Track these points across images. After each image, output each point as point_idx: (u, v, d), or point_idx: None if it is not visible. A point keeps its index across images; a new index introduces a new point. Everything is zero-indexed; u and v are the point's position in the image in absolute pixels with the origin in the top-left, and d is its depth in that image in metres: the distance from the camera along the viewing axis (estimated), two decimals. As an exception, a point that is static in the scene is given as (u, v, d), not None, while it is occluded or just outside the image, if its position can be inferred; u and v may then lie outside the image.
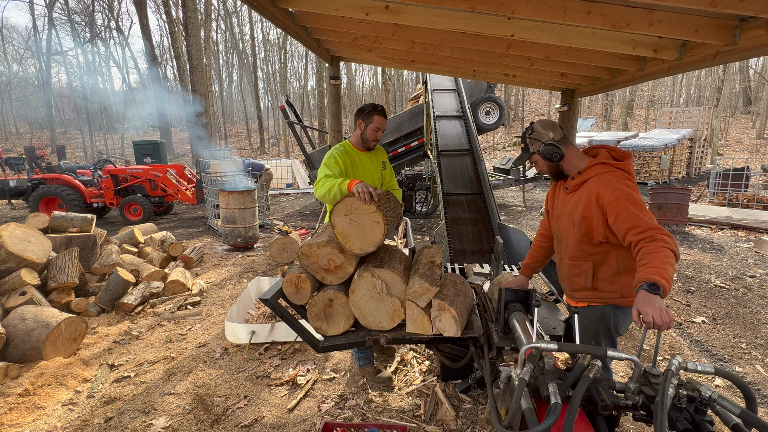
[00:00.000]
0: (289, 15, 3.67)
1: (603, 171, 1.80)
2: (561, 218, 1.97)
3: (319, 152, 9.23)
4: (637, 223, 1.63)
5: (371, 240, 1.91)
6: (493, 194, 6.11)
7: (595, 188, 1.76)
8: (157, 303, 4.29)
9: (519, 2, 2.63)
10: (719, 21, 2.53)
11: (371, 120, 2.51)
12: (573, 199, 1.87)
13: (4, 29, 30.97)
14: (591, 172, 1.82)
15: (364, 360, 2.86)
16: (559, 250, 2.04)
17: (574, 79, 4.82)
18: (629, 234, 1.65)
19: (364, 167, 2.62)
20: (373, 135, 2.55)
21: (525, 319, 1.73)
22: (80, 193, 8.96)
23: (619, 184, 1.73)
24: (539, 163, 1.95)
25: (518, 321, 1.72)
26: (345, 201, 1.91)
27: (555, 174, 1.97)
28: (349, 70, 33.44)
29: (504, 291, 1.84)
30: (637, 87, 28.96)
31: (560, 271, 2.06)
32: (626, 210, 1.66)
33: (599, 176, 1.79)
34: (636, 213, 1.65)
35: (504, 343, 1.78)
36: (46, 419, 2.53)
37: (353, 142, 2.64)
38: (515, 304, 1.84)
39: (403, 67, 6.15)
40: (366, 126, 2.53)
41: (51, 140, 26.49)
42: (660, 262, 1.50)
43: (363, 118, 2.53)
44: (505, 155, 18.73)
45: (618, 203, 1.68)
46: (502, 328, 1.85)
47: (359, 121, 2.55)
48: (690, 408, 1.14)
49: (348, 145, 2.63)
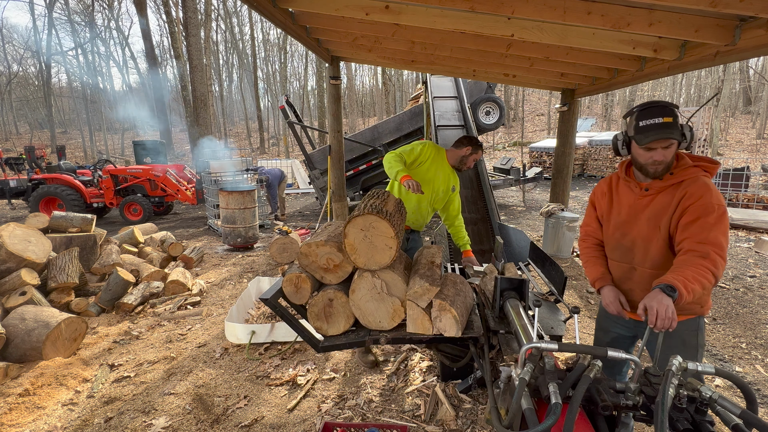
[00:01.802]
0: (289, 15, 3.67)
1: (699, 174, 1.62)
2: (634, 222, 1.73)
3: (319, 152, 9.22)
4: (708, 238, 1.50)
5: (378, 260, 1.89)
6: (493, 194, 6.11)
7: (692, 190, 1.58)
8: (157, 303, 4.29)
9: (519, 2, 2.63)
10: (719, 21, 2.53)
11: (477, 152, 2.90)
12: (658, 202, 1.66)
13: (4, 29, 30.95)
14: (685, 174, 1.62)
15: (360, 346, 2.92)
16: (628, 259, 1.77)
17: (574, 79, 4.82)
18: (690, 241, 1.52)
19: (442, 172, 2.93)
20: (470, 163, 2.95)
21: (519, 305, 1.85)
22: (80, 193, 8.96)
23: (718, 194, 1.57)
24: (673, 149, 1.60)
25: (512, 307, 1.82)
26: (366, 217, 1.86)
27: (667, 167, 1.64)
28: (349, 70, 33.46)
29: (499, 279, 1.95)
30: (637, 87, 28.96)
31: (629, 282, 1.79)
32: (711, 223, 1.51)
33: (699, 180, 1.60)
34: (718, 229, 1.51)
35: (499, 327, 1.90)
36: (46, 419, 2.53)
37: (448, 155, 2.96)
38: (510, 291, 1.96)
39: (403, 67, 6.15)
40: (471, 154, 2.90)
41: (51, 140, 26.49)
42: (692, 276, 1.42)
43: (473, 146, 2.89)
44: (505, 155, 18.74)
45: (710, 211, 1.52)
46: (498, 314, 1.97)
47: (468, 146, 2.90)
48: (690, 408, 1.14)
49: (443, 151, 2.97)
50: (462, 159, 2.92)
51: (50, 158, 15.27)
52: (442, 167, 2.93)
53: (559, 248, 5.88)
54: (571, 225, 5.77)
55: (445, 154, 2.96)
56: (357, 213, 1.91)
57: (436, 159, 2.90)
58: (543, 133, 26.65)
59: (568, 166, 5.85)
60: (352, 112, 36.47)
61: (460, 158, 2.92)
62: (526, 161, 15.55)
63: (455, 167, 2.97)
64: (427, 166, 2.87)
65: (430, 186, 2.91)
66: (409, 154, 2.84)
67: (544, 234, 6.09)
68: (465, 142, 2.91)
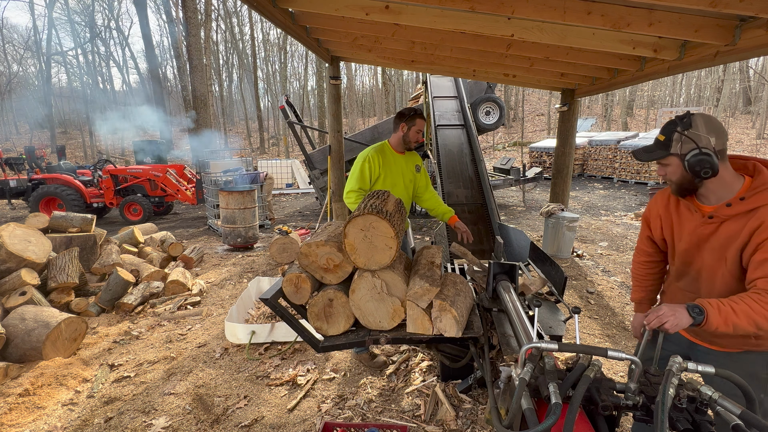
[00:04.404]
0: (289, 15, 3.67)
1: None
2: (697, 251, 1.53)
3: (319, 152, 9.22)
4: None
5: (378, 260, 1.89)
6: (493, 194, 6.11)
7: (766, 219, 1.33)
8: (157, 303, 4.29)
9: (519, 2, 2.63)
10: (719, 21, 2.53)
11: (414, 123, 2.72)
12: (724, 230, 1.43)
13: (4, 29, 30.96)
14: (760, 200, 1.35)
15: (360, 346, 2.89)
16: (694, 289, 1.58)
17: (574, 79, 4.82)
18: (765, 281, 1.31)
19: (398, 168, 2.81)
20: (415, 136, 2.76)
21: (510, 287, 2.09)
22: (80, 193, 8.95)
23: None
24: (673, 168, 1.45)
25: (504, 288, 2.07)
26: (366, 217, 1.86)
27: (684, 190, 1.49)
28: (349, 70, 33.44)
29: (492, 264, 2.21)
30: (637, 87, 28.96)
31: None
32: None
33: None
34: None
35: (493, 305, 2.12)
36: (46, 419, 2.53)
37: (392, 144, 2.83)
38: (502, 275, 2.22)
39: (403, 67, 6.15)
40: (409, 128, 2.73)
41: (51, 140, 26.49)
42: (741, 309, 1.28)
43: (406, 121, 2.72)
44: (505, 155, 18.74)
45: None
46: (491, 295, 2.22)
47: (402, 124, 2.74)
48: (690, 408, 1.14)
49: (386, 145, 2.83)
50: (404, 139, 2.77)
51: (50, 158, 15.27)
52: (396, 162, 2.79)
53: (559, 248, 5.88)
54: (571, 225, 5.76)
55: (389, 147, 2.81)
56: (357, 213, 1.91)
57: (385, 162, 2.75)
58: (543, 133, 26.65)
59: (568, 166, 5.85)
60: (352, 112, 36.47)
61: (401, 140, 2.78)
62: (526, 161, 15.55)
63: (406, 149, 2.84)
64: (383, 176, 2.74)
65: (398, 187, 2.79)
66: (363, 180, 2.69)
67: (544, 234, 6.09)
68: (397, 120, 2.75)
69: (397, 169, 2.80)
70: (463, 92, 8.83)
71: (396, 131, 2.78)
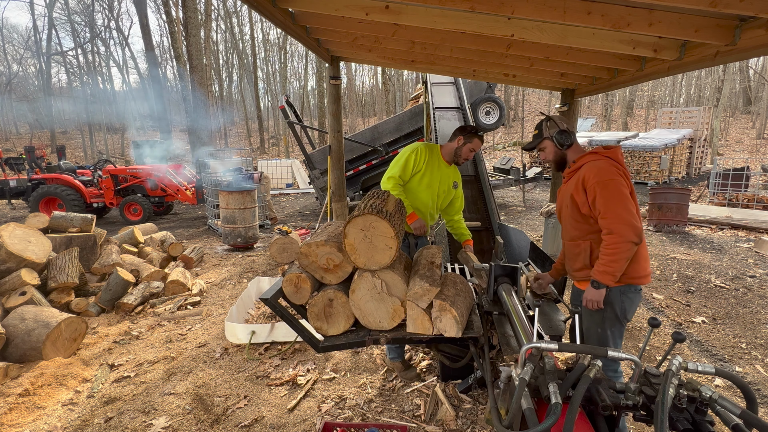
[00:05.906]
0: (289, 15, 3.67)
1: (593, 159, 2.01)
2: (561, 206, 2.18)
3: (319, 152, 9.21)
4: (605, 211, 1.86)
5: (378, 260, 1.89)
6: (493, 194, 6.11)
7: (584, 172, 1.98)
8: (157, 303, 4.29)
9: (519, 2, 2.63)
10: (719, 21, 2.52)
11: (471, 140, 2.76)
12: (568, 185, 2.10)
13: (4, 29, 30.97)
14: (583, 160, 2.05)
15: (394, 354, 2.90)
16: (563, 236, 2.22)
17: (574, 79, 4.82)
18: (599, 219, 1.91)
19: (439, 173, 2.81)
20: (467, 154, 2.80)
21: (511, 289, 2.06)
22: (80, 193, 8.96)
23: (602, 169, 1.92)
24: (548, 149, 2.16)
25: (505, 291, 2.03)
26: (366, 217, 1.86)
27: (558, 163, 2.18)
28: (349, 70, 33.46)
29: (494, 266, 2.15)
30: (637, 87, 28.96)
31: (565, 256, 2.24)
32: (600, 194, 1.88)
33: (589, 163, 2.00)
34: (607, 200, 1.86)
35: (494, 308, 2.09)
36: (46, 419, 2.53)
37: (443, 152, 2.85)
38: (503, 277, 2.17)
39: (403, 67, 6.15)
40: (464, 144, 2.77)
41: (51, 140, 26.49)
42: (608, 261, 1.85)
43: (465, 135, 2.76)
44: (505, 155, 18.73)
45: (596, 186, 1.90)
46: (492, 297, 2.16)
47: (460, 137, 2.77)
48: (690, 408, 1.14)
49: (437, 148, 2.84)
50: (456, 152, 2.80)
51: (50, 158, 15.27)
52: (439, 167, 2.82)
53: (559, 248, 5.87)
54: (571, 225, 5.76)
55: (440, 151, 2.86)
56: (357, 213, 1.91)
57: (431, 161, 2.78)
58: (543, 133, 26.58)
59: (568, 166, 5.84)
60: (352, 112, 36.46)
61: (453, 152, 2.80)
62: (526, 161, 15.54)
63: (453, 162, 2.87)
64: (423, 171, 2.76)
65: (431, 191, 2.81)
66: (405, 170, 2.73)
67: (544, 234, 6.09)
68: (457, 132, 2.79)
69: (438, 173, 2.80)
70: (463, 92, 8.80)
71: (452, 141, 2.81)
